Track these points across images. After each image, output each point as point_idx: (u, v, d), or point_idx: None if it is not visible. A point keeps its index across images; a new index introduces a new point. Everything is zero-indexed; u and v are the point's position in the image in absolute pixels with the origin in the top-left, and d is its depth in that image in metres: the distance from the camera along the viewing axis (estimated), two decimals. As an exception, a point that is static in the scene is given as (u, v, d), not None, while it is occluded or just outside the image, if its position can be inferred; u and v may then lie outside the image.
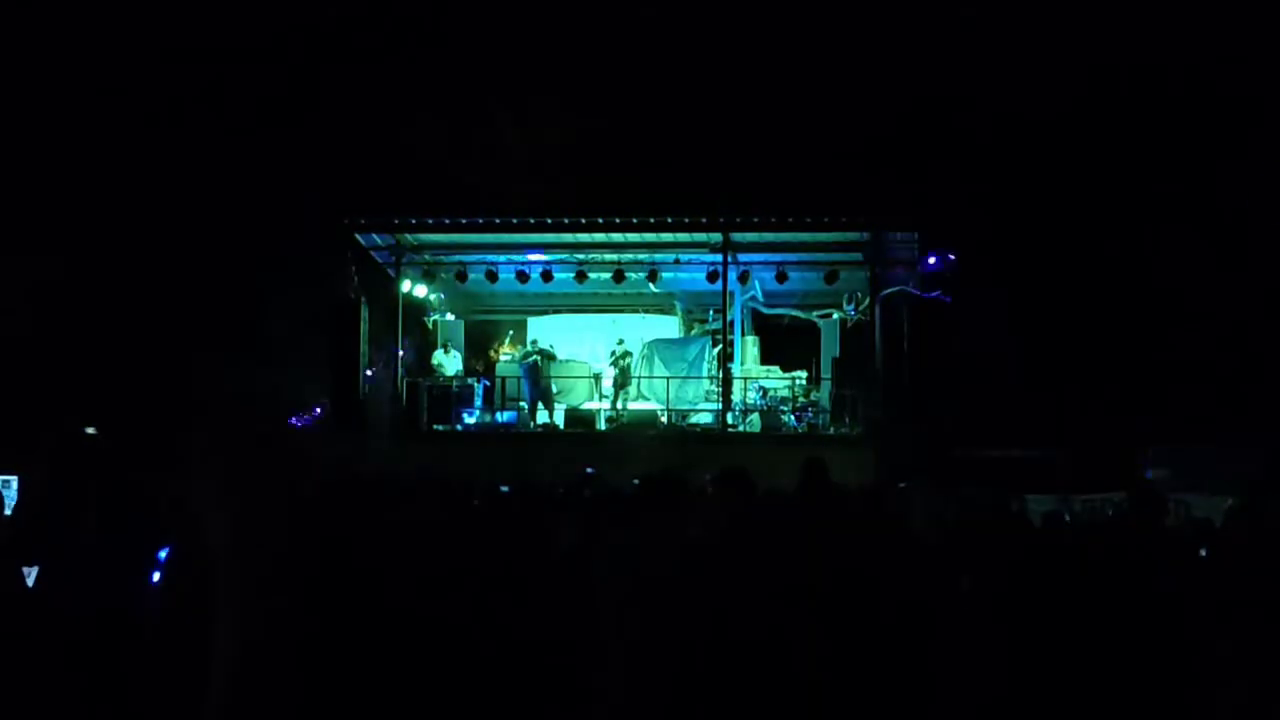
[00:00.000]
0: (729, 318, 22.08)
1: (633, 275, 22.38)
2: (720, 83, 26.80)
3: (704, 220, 21.27)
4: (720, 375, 21.66)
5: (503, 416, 21.97)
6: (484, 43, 26.82)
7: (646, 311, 24.10)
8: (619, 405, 21.77)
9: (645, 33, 26.80)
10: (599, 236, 21.71)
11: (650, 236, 21.70)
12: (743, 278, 22.34)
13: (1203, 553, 6.31)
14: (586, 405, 22.12)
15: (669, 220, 21.20)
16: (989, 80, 25.51)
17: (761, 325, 23.82)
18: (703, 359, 22.54)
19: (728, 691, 5.34)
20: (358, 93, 25.76)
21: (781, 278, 21.94)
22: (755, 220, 21.23)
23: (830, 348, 22.53)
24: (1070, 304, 24.77)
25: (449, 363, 22.46)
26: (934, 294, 20.54)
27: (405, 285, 22.42)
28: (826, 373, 21.97)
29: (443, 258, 22.86)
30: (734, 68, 26.80)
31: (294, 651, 5.56)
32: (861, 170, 24.77)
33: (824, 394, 21.77)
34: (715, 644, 5.43)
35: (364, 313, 21.47)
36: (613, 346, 22.17)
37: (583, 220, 21.22)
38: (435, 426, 21.39)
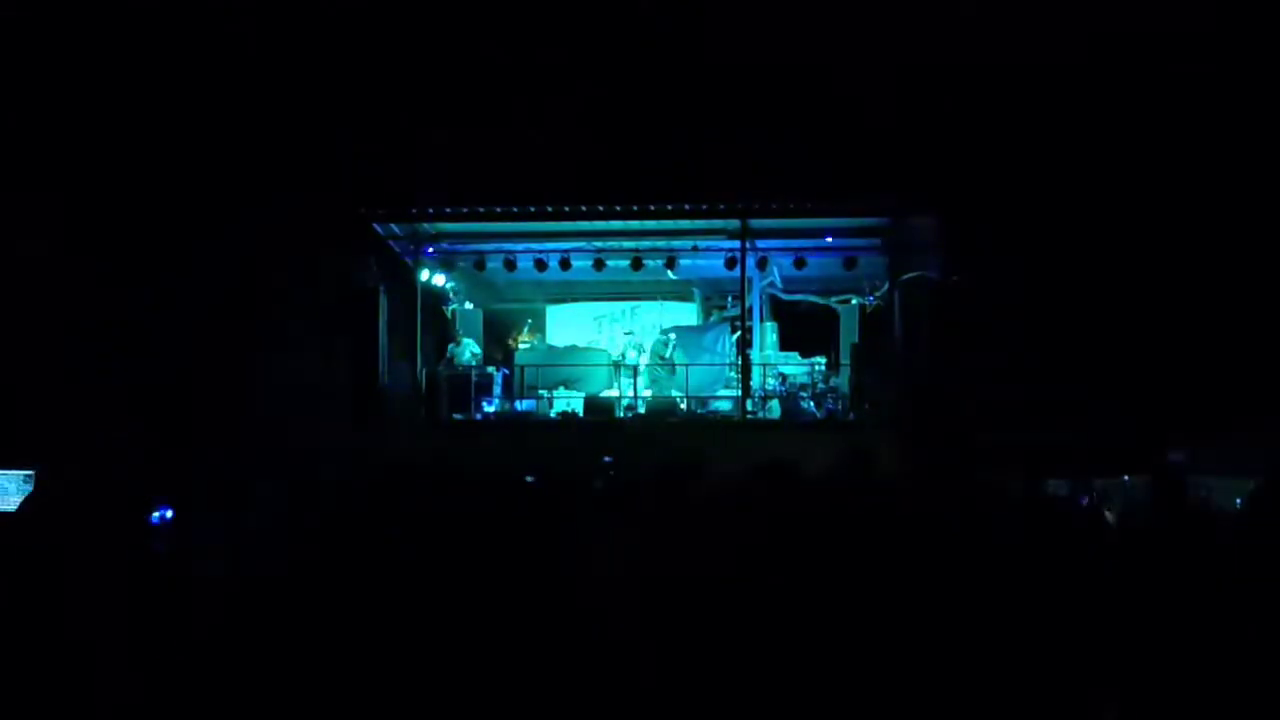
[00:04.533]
0: (748, 304, 22.07)
1: (651, 263, 22.37)
2: (736, 67, 26.71)
3: (722, 207, 21.27)
4: (739, 362, 21.66)
5: (522, 405, 22.03)
6: (499, 29, 26.78)
7: (665, 299, 24.14)
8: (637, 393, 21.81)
9: (660, 17, 26.74)
10: (617, 224, 21.69)
11: (668, 224, 21.68)
12: (761, 264, 22.33)
13: (1224, 535, 6.28)
14: (605, 393, 22.14)
15: (687, 207, 21.20)
16: (1008, 60, 25.37)
17: (780, 311, 23.78)
18: (722, 346, 22.56)
19: (743, 683, 5.33)
20: (374, 81, 25.74)
21: (800, 264, 21.91)
22: (773, 207, 21.22)
23: (849, 333, 22.54)
24: (1093, 285, 24.64)
25: (469, 350, 22.56)
26: (953, 278, 20.50)
27: (423, 275, 22.44)
28: (846, 359, 21.96)
29: (460, 247, 22.89)
30: (750, 51, 26.71)
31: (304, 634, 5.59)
32: (880, 155, 24.66)
33: (843, 380, 21.75)
34: (735, 637, 5.43)
35: (382, 302, 21.54)
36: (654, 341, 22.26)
37: (600, 208, 21.22)
38: (455, 416, 21.45)
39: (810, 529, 5.86)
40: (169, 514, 7.71)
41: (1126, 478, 15.63)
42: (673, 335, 22.26)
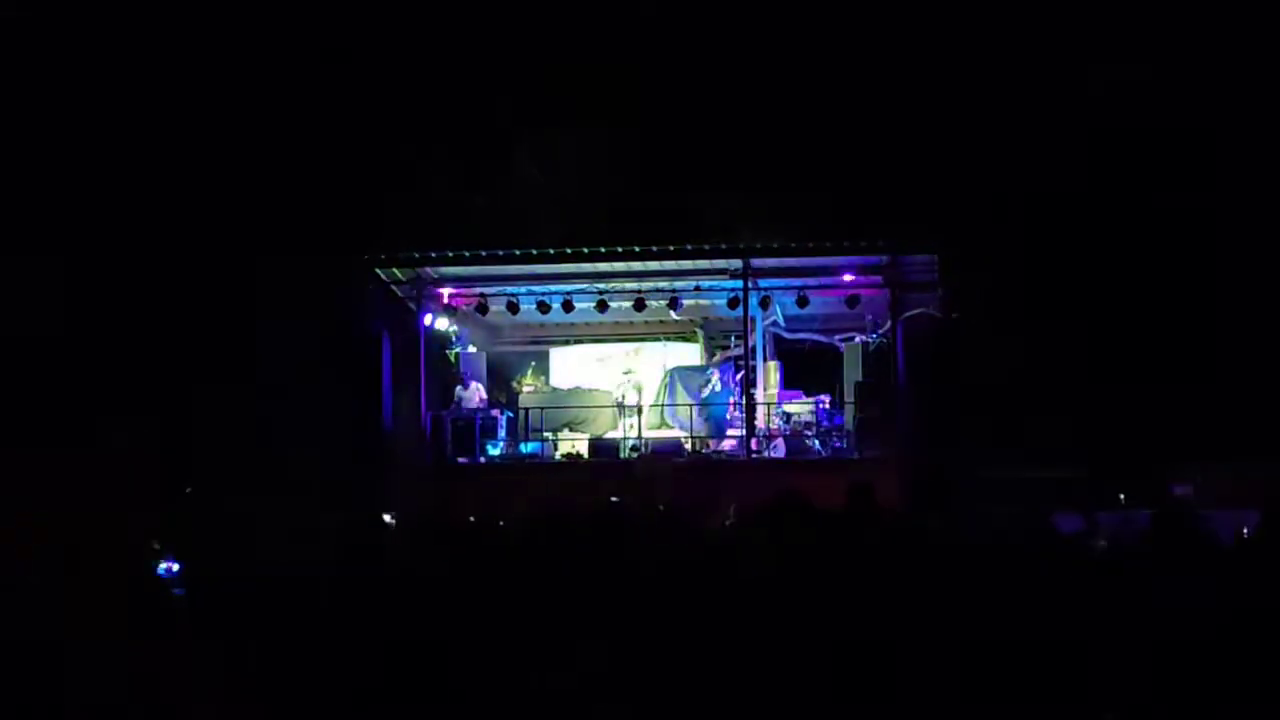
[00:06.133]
0: (751, 343, 22.10)
1: (654, 303, 22.41)
2: (737, 108, 26.85)
3: (724, 247, 21.34)
4: (743, 401, 21.66)
5: (527, 448, 22.03)
6: (501, 73, 26.94)
7: (668, 339, 24.17)
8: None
9: (660, 59, 26.89)
10: (619, 265, 21.75)
11: (670, 264, 21.75)
12: (763, 303, 22.35)
13: (1228, 566, 6.28)
14: (610, 434, 22.14)
15: (689, 248, 21.28)
16: (1008, 100, 25.49)
17: (783, 350, 23.79)
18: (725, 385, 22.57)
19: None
20: (376, 127, 25.88)
21: (802, 302, 21.94)
22: (775, 246, 21.29)
23: (853, 371, 22.55)
24: (1094, 319, 24.65)
25: (476, 394, 22.61)
26: (952, 315, 20.54)
27: (426, 318, 22.47)
28: (850, 396, 21.97)
29: (463, 290, 22.93)
30: (751, 93, 26.84)
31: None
32: (880, 194, 24.74)
33: (848, 418, 21.76)
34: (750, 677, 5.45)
35: (386, 347, 21.59)
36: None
37: (602, 250, 21.30)
38: (459, 460, 21.44)
39: (815, 561, 5.89)
40: (175, 566, 7.72)
41: (1130, 511, 15.60)
42: (714, 373, 22.32)
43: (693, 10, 27.15)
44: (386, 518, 14.62)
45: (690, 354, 24.07)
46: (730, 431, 22.01)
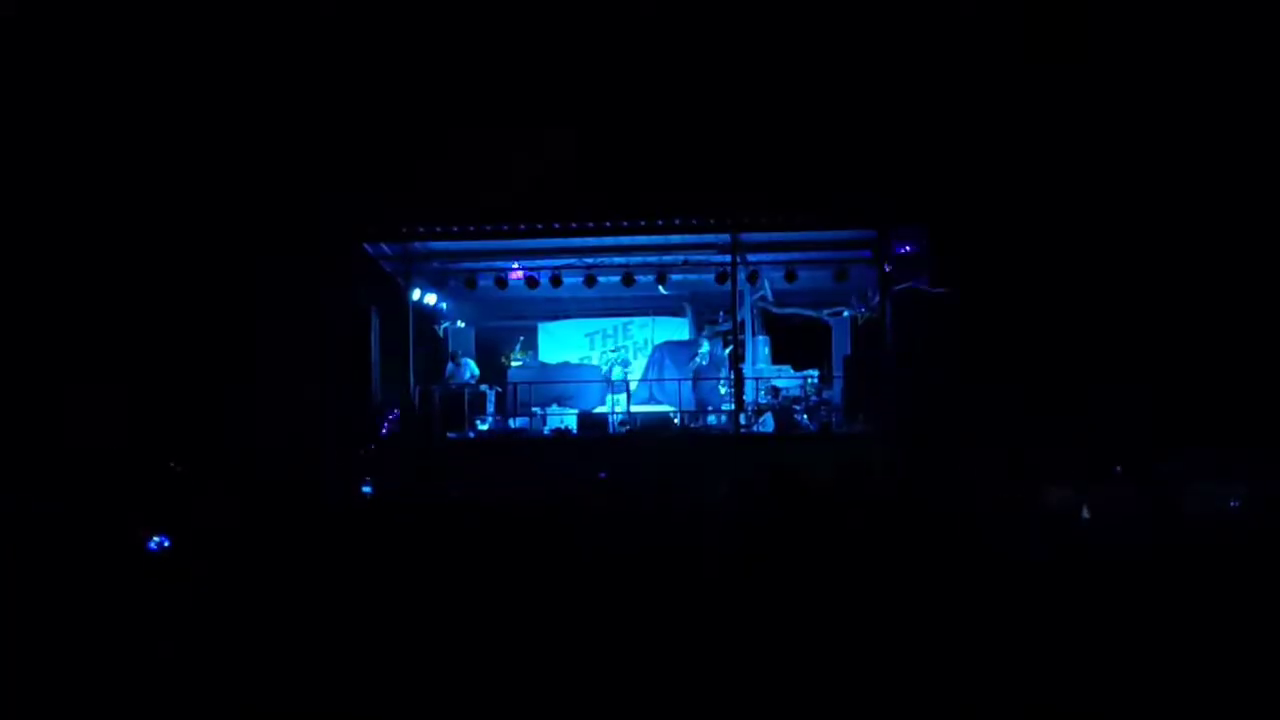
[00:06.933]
0: (739, 318, 22.07)
1: (642, 278, 22.38)
2: (726, 82, 26.79)
3: (712, 221, 21.24)
4: (732, 376, 21.65)
5: (516, 423, 22.03)
6: (487, 46, 26.84)
7: (657, 314, 24.17)
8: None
9: (649, 33, 26.81)
10: (607, 240, 21.68)
11: (658, 239, 21.68)
12: (752, 278, 22.33)
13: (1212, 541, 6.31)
14: (598, 409, 22.15)
15: (677, 222, 21.19)
16: (995, 73, 25.46)
17: (772, 325, 23.76)
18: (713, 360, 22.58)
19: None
20: (364, 103, 25.79)
21: (791, 277, 21.92)
22: (763, 220, 21.20)
23: (841, 346, 22.55)
24: (1083, 293, 24.69)
25: (463, 369, 22.60)
26: (941, 290, 20.53)
27: (415, 294, 22.40)
28: (838, 371, 21.96)
29: (451, 265, 22.87)
30: (740, 66, 26.79)
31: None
32: (869, 167, 24.72)
33: (836, 392, 21.74)
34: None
35: (375, 323, 21.54)
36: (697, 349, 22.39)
37: (591, 224, 21.21)
38: (449, 435, 21.43)
39: (811, 534, 5.91)
40: (166, 542, 7.72)
41: (1120, 485, 15.64)
42: (703, 346, 22.35)
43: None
44: (366, 490, 14.68)
45: (678, 329, 24.06)
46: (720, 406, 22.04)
